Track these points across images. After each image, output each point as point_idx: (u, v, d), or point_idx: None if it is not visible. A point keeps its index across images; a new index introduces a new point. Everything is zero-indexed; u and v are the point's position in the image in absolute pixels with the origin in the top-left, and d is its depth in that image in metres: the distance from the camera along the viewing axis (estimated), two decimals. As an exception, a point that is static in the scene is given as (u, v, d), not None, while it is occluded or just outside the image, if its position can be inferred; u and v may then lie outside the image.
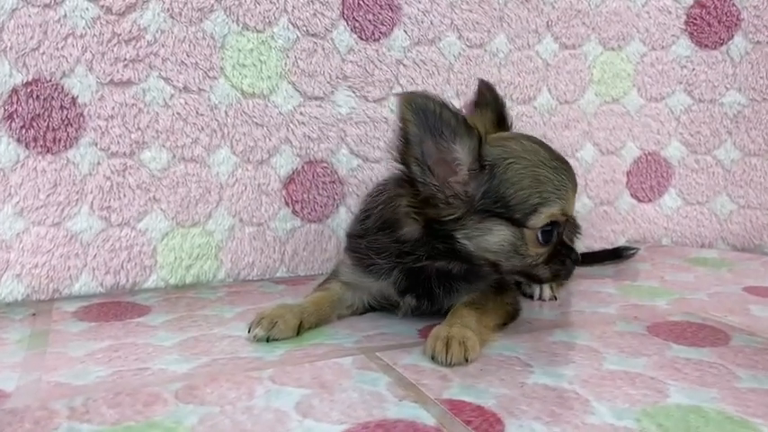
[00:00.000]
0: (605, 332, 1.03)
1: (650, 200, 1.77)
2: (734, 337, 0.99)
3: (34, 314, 1.15)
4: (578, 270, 1.46)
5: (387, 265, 1.03)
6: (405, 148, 0.90)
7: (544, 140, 1.59)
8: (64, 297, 1.25)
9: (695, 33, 1.70)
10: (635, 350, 0.94)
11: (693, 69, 1.71)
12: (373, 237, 1.04)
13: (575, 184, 0.99)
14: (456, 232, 0.94)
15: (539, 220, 0.93)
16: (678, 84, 1.72)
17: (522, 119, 1.60)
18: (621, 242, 1.72)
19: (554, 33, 1.61)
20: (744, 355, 0.91)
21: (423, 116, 0.87)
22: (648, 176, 1.76)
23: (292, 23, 1.37)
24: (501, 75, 1.57)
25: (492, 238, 0.94)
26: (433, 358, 0.88)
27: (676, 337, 0.99)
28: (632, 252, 1.57)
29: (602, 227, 1.73)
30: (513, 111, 1.59)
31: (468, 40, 1.52)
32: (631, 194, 1.76)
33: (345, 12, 1.41)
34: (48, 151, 1.21)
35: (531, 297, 1.25)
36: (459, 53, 1.52)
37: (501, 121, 1.05)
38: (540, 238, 0.94)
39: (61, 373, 0.87)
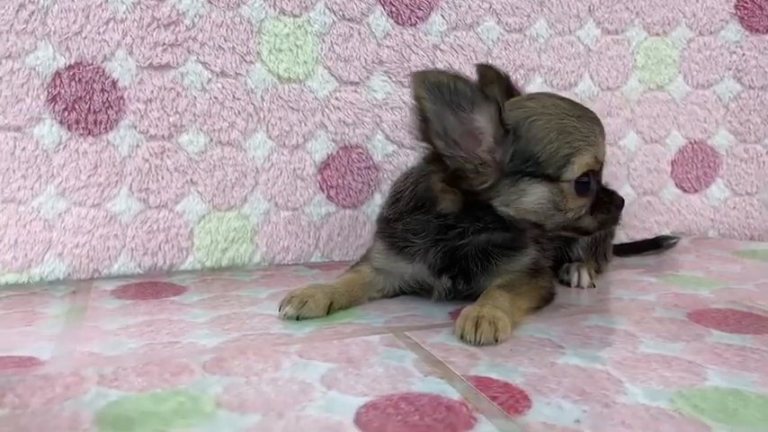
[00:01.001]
0: (643, 318, 1.00)
1: (696, 190, 1.72)
2: (780, 326, 0.95)
3: (74, 292, 1.18)
4: (618, 261, 1.45)
5: (425, 244, 1.03)
6: (424, 125, 0.90)
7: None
8: (103, 277, 1.28)
9: (746, 17, 1.64)
10: (673, 335, 0.91)
11: (743, 55, 1.65)
12: (409, 218, 1.03)
13: (602, 130, 0.99)
14: (493, 201, 0.94)
15: (573, 171, 0.93)
16: (727, 70, 1.66)
17: (562, 105, 1.57)
18: (667, 234, 1.67)
19: (596, 18, 1.58)
20: (790, 343, 0.87)
21: (438, 92, 0.87)
22: (694, 166, 1.70)
23: (329, 8, 1.37)
24: (541, 60, 1.54)
25: (529, 199, 0.94)
26: (462, 338, 0.87)
27: (718, 324, 0.95)
28: (673, 242, 1.52)
29: (646, 217, 1.68)
30: (553, 97, 1.56)
31: (507, 24, 1.50)
32: (676, 184, 1.71)
33: (382, -4, 1.41)
34: (89, 133, 1.24)
35: (569, 284, 1.22)
36: (498, 38, 1.50)
37: (510, 95, 1.04)
38: (576, 189, 0.94)
39: (95, 344, 0.88)
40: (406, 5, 1.42)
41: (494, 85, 1.09)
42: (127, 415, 0.66)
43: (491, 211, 0.95)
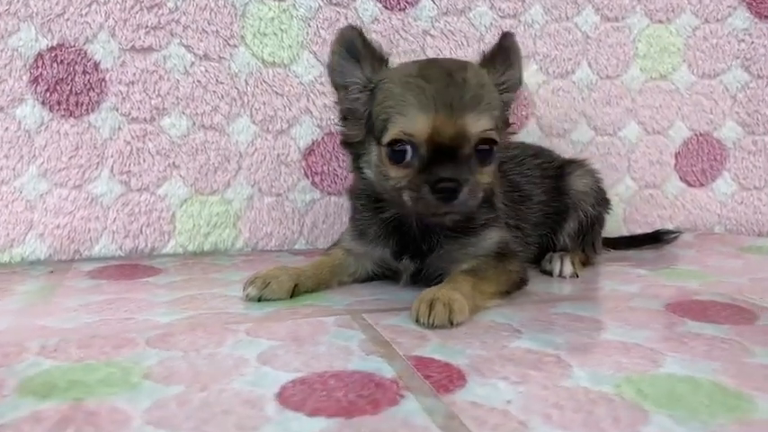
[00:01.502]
0: (617, 307, 0.96)
1: (702, 184, 1.65)
2: (762, 317, 0.90)
3: (52, 271, 1.19)
4: (616, 253, 1.40)
5: (369, 219, 1.04)
6: (331, 75, 1.00)
7: (583, 117, 1.54)
8: (84, 258, 1.28)
9: (754, 3, 1.58)
10: (642, 323, 0.87)
11: (752, 43, 1.59)
12: (356, 189, 1.08)
13: (441, 106, 0.87)
14: (360, 159, 0.99)
15: (386, 137, 0.91)
16: (735, 59, 1.60)
17: (559, 93, 1.52)
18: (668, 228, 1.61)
19: (595, 4, 1.53)
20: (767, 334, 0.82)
21: (347, 46, 0.96)
22: (700, 159, 1.64)
23: (315, -8, 1.36)
24: (536, 47, 1.50)
25: (373, 161, 0.96)
26: (417, 321, 0.84)
27: (695, 315, 0.91)
28: (673, 236, 1.47)
29: (648, 212, 1.63)
30: (550, 85, 1.53)
31: (500, 9, 1.47)
32: (680, 178, 1.65)
33: (370, -20, 1.39)
34: (70, 115, 1.25)
35: (551, 274, 1.18)
36: (491, 24, 1.47)
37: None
38: (389, 156, 0.91)
39: (52, 318, 0.88)
40: (395, -11, 1.40)
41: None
42: (52, 383, 0.65)
43: (363, 176, 1.00)
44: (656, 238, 1.47)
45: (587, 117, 1.55)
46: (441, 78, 0.89)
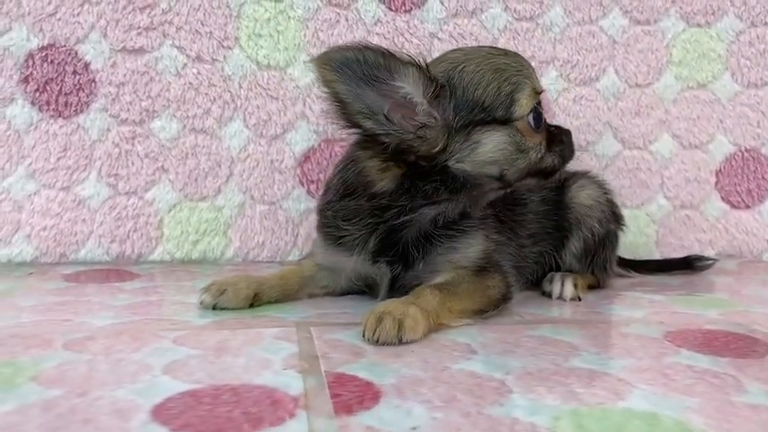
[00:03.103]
0: (605, 332, 0.84)
1: (748, 206, 1.48)
2: (777, 351, 0.76)
3: (31, 273, 1.17)
4: (637, 278, 1.26)
5: (360, 231, 0.93)
6: (344, 110, 0.82)
7: (609, 128, 1.41)
8: (70, 262, 1.26)
9: (807, 5, 1.41)
10: (627, 351, 0.75)
11: (805, 49, 1.42)
12: (339, 204, 0.95)
13: (529, 63, 0.95)
14: (448, 161, 0.86)
15: (522, 107, 0.87)
16: (787, 66, 1.44)
17: (582, 102, 1.40)
18: (710, 255, 1.44)
19: (623, 6, 1.41)
20: (775, 371, 0.69)
21: (349, 70, 0.79)
22: (745, 177, 1.47)
23: (314, -7, 1.30)
24: (556, 52, 1.39)
25: (486, 148, 0.86)
26: (363, 336, 0.75)
27: (696, 345, 0.78)
28: (708, 263, 1.31)
29: (684, 235, 1.47)
30: (571, 92, 1.41)
31: (516, 11, 1.37)
32: (722, 198, 1.48)
33: (373, -20, 1.33)
34: (59, 115, 1.23)
35: (550, 296, 1.06)
36: (506, 26, 1.37)
37: None
38: (532, 124, 0.88)
39: (-10, 317, 0.85)
40: (400, -10, 1.33)
41: None
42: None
43: (444, 176, 0.87)
44: (687, 264, 1.32)
45: (613, 128, 1.42)
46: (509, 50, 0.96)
